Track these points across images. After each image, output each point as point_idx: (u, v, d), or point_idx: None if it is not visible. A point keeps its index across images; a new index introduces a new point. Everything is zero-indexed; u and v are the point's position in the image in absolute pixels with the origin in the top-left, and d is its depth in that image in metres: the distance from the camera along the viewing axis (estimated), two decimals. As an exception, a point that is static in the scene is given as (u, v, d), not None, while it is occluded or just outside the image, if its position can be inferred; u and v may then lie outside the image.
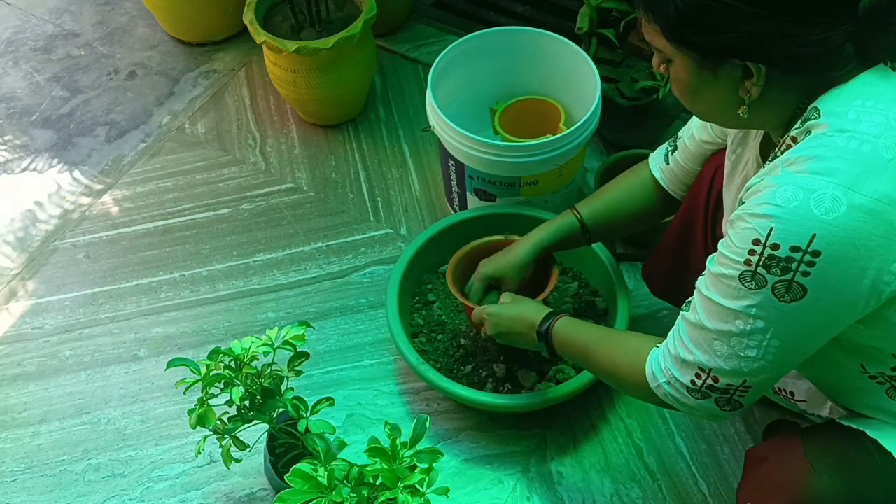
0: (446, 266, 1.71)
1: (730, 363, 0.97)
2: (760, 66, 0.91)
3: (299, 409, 1.27)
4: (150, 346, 1.71)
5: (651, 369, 1.07)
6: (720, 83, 0.96)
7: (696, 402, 1.03)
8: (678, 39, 0.94)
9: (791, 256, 0.87)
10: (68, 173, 2.02)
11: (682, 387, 1.03)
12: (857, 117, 0.88)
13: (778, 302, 0.90)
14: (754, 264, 0.89)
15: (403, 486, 1.07)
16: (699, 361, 0.99)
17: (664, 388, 1.05)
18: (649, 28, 0.98)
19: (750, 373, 0.97)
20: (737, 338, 0.94)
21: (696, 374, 1.01)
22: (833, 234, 0.85)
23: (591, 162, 1.93)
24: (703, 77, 0.96)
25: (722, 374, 0.98)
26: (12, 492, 1.53)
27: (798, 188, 0.86)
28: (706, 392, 1.01)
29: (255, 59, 2.21)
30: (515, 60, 1.81)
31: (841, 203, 0.85)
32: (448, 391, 1.46)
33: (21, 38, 2.34)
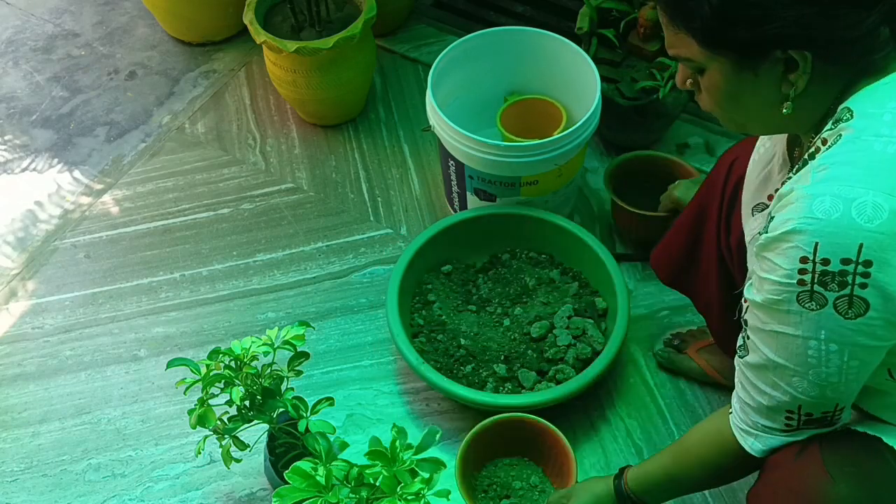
0: (448, 266, 1.71)
1: (814, 394, 0.93)
2: (805, 53, 0.88)
3: (299, 409, 1.27)
4: (150, 346, 1.71)
5: (739, 434, 1.04)
6: (761, 82, 0.92)
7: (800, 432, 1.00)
8: (715, 42, 0.90)
9: (844, 269, 0.84)
10: (68, 173, 2.02)
11: (778, 433, 1.00)
12: (893, 120, 0.86)
13: (843, 319, 0.86)
14: (809, 283, 0.86)
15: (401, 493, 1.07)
16: (784, 403, 0.96)
17: (763, 442, 1.02)
18: (678, 38, 0.94)
19: (837, 396, 0.94)
20: (815, 369, 0.91)
21: (787, 416, 0.98)
22: (879, 241, 0.82)
23: (591, 162, 1.93)
24: (743, 79, 0.92)
25: (812, 408, 0.95)
26: (12, 492, 1.53)
27: (836, 198, 0.83)
28: (803, 428, 0.99)
29: (255, 59, 2.21)
30: (515, 60, 1.81)
31: (882, 210, 0.82)
32: (448, 391, 1.46)
33: (21, 38, 2.34)
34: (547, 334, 1.59)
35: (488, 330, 1.62)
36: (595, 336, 1.58)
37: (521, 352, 1.58)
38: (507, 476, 1.45)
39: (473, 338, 1.60)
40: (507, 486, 1.44)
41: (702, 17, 0.89)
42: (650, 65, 1.83)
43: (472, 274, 1.71)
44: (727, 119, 1.01)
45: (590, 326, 1.59)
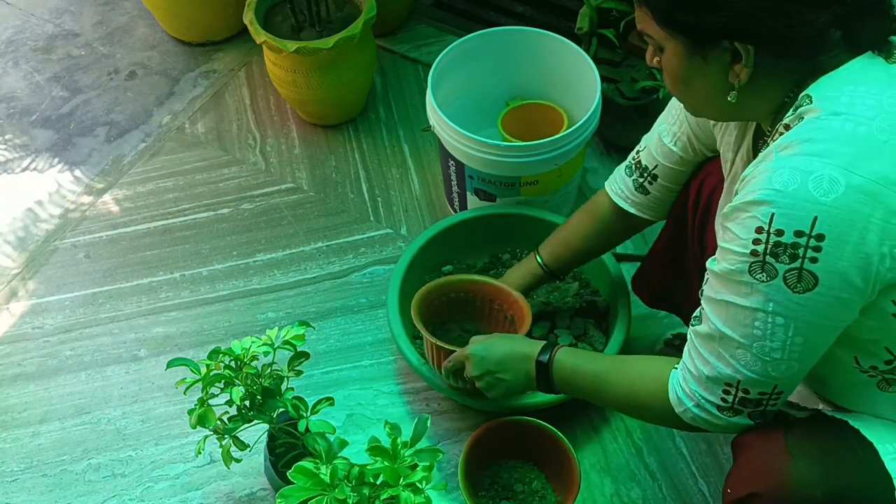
0: (449, 267, 1.71)
1: (756, 370, 0.95)
2: (749, 46, 0.91)
3: (299, 409, 1.27)
4: (150, 346, 1.71)
5: (675, 394, 1.04)
6: (710, 69, 0.95)
7: (728, 420, 1.01)
8: (669, 22, 0.94)
9: (797, 242, 0.85)
10: (68, 173, 2.02)
11: (712, 406, 1.01)
12: (851, 101, 0.88)
13: (792, 293, 0.88)
14: (761, 253, 0.88)
15: (405, 483, 1.07)
16: (725, 376, 0.97)
17: (692, 411, 1.03)
18: (641, 13, 0.98)
19: (778, 376, 0.95)
20: (759, 342, 0.93)
21: (725, 389, 0.99)
22: (833, 215, 0.84)
23: (591, 162, 1.93)
24: (694, 63, 0.96)
25: (752, 385, 0.97)
26: (12, 492, 1.53)
27: (795, 170, 0.86)
28: (738, 408, 1.00)
29: (256, 59, 2.21)
30: (515, 60, 1.81)
31: (839, 184, 0.84)
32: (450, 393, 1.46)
33: (21, 38, 2.34)
34: (548, 335, 1.59)
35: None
36: (596, 336, 1.58)
37: None
38: (510, 478, 1.46)
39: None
40: (508, 488, 1.44)
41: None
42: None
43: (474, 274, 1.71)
44: (684, 101, 1.05)
45: (591, 326, 1.59)
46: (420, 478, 1.08)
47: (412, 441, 1.14)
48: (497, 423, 1.42)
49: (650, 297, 1.55)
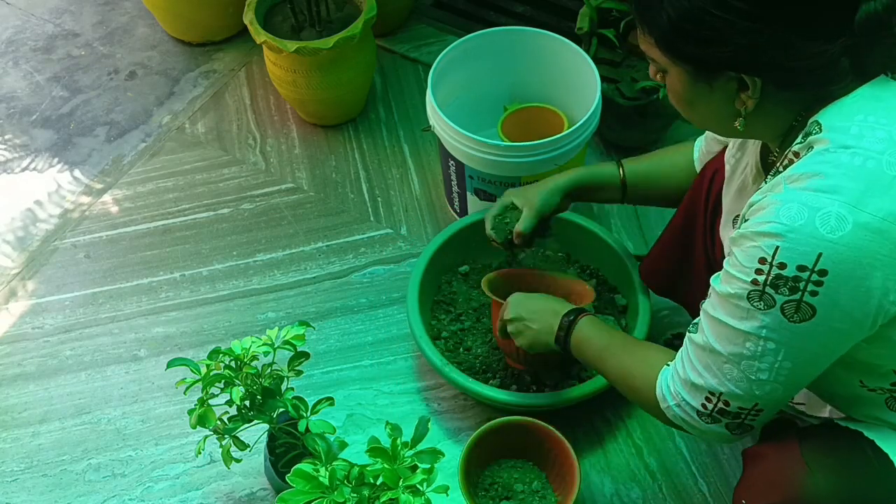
0: (465, 267, 1.71)
1: (741, 387, 0.96)
2: (756, 78, 0.91)
3: (299, 409, 1.27)
4: (150, 346, 1.71)
5: (661, 390, 1.07)
6: (715, 95, 0.95)
7: (706, 426, 1.03)
8: (672, 51, 0.94)
9: (798, 276, 0.86)
10: (68, 173, 2.02)
11: (692, 410, 1.02)
12: (860, 132, 0.87)
13: (788, 322, 0.89)
14: (762, 284, 0.88)
15: (405, 485, 1.07)
16: (709, 386, 0.99)
17: (673, 409, 1.05)
18: (644, 39, 0.98)
19: (762, 396, 0.96)
20: (748, 361, 0.93)
21: (707, 398, 1.00)
22: (839, 253, 0.84)
23: (591, 162, 1.93)
24: (699, 89, 0.96)
25: (733, 398, 0.98)
26: (12, 491, 1.53)
27: (803, 206, 0.85)
28: (716, 417, 1.01)
29: (256, 59, 2.21)
30: (515, 61, 1.81)
31: (846, 222, 0.84)
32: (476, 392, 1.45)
33: (21, 37, 2.34)
34: None
35: None
36: None
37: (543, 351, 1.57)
38: (510, 478, 1.46)
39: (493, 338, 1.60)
40: (508, 488, 1.44)
41: (660, 27, 0.93)
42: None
43: None
44: (689, 119, 1.04)
45: (610, 323, 1.59)
46: (420, 480, 1.08)
47: (413, 442, 1.14)
48: (497, 424, 1.42)
49: (657, 287, 1.54)
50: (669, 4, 0.90)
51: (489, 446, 1.43)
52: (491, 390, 1.45)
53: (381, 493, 1.08)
